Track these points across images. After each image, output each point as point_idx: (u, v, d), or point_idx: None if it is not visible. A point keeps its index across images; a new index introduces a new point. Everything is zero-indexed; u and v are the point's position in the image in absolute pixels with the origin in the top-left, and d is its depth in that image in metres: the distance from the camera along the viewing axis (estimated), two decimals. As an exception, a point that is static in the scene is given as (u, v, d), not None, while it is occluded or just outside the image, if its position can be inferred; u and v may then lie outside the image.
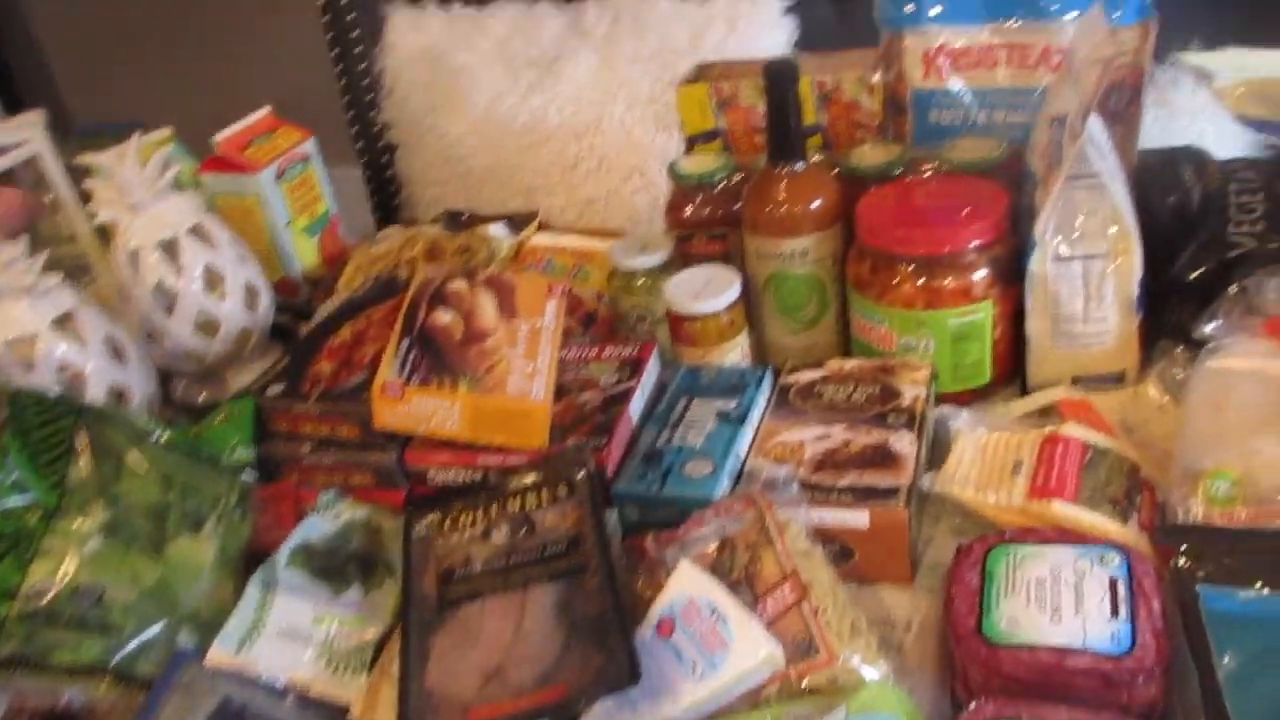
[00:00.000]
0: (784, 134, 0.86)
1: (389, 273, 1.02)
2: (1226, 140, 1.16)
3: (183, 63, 2.30)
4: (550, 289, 0.85)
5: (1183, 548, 0.62)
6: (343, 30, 1.48)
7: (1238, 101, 0.88)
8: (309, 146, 1.18)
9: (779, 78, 0.84)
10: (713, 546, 0.65)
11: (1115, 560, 0.62)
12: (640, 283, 0.93)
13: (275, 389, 0.82)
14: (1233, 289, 0.79)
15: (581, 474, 0.70)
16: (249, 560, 0.71)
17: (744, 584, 0.62)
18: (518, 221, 1.13)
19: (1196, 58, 0.95)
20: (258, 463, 0.81)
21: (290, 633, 0.64)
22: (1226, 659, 0.56)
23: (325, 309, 0.94)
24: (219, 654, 0.63)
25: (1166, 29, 0.89)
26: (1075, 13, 0.92)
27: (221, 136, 1.13)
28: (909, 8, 0.96)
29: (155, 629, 0.65)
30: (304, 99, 1.37)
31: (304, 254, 1.16)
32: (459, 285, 0.83)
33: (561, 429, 0.76)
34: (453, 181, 1.38)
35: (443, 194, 1.38)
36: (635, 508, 0.71)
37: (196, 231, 0.99)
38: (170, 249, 0.98)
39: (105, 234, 1.04)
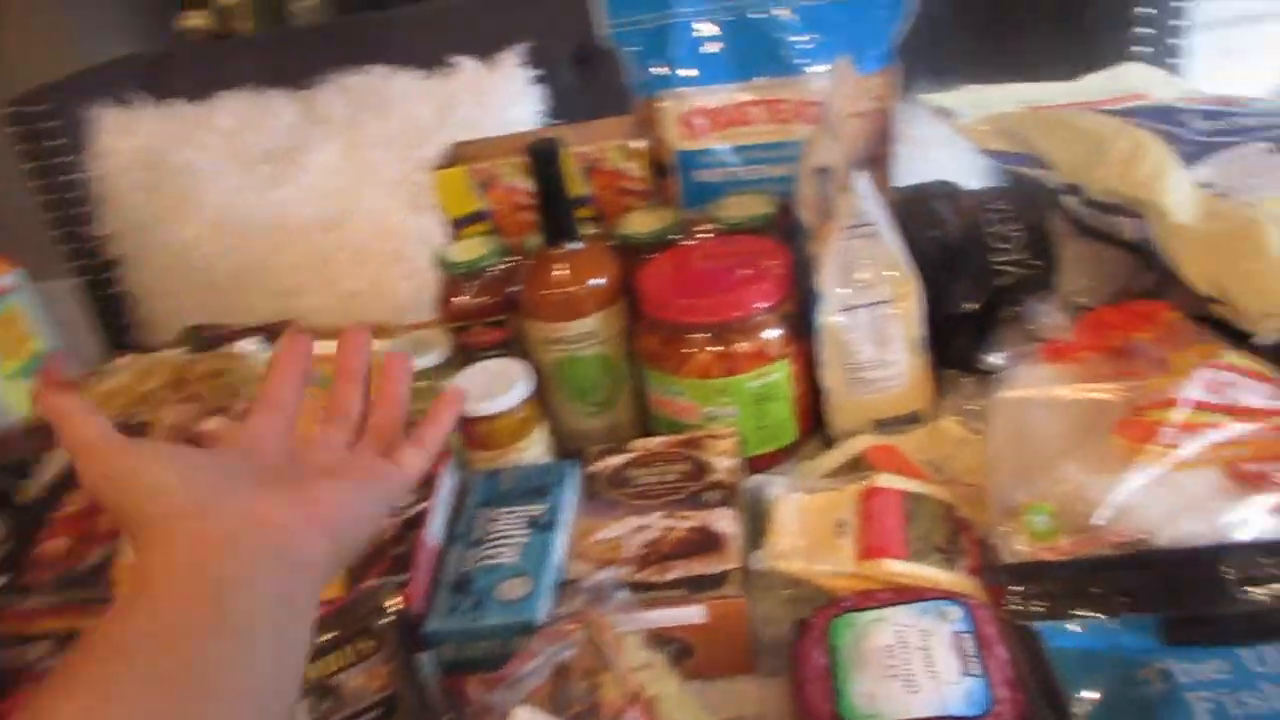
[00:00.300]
0: (556, 214, 0.82)
1: (125, 415, 0.89)
2: (964, 169, 1.22)
3: None
4: (311, 412, 0.76)
5: (1014, 588, 0.61)
6: (38, 140, 1.33)
7: (982, 137, 0.91)
8: (11, 279, 1.03)
9: (543, 157, 0.80)
10: (546, 679, 0.58)
11: (956, 614, 0.60)
12: (420, 385, 0.85)
13: (-4, 579, 0.68)
14: (1007, 315, 0.81)
15: (386, 621, 0.62)
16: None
17: (587, 715, 0.56)
18: (272, 331, 1.03)
19: (937, 98, 0.98)
20: (-16, 672, 0.67)
21: None
22: (1082, 699, 0.55)
23: (50, 470, 0.80)
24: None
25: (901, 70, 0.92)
26: (822, 65, 0.93)
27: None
28: (659, 71, 0.95)
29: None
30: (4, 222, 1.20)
31: (15, 402, 1.01)
32: (213, 424, 0.73)
33: (354, 571, 0.67)
34: (192, 292, 1.25)
35: (181, 307, 1.25)
36: (451, 646, 0.64)
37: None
38: None
39: None
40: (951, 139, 1.05)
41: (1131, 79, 1.01)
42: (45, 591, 0.66)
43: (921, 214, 0.94)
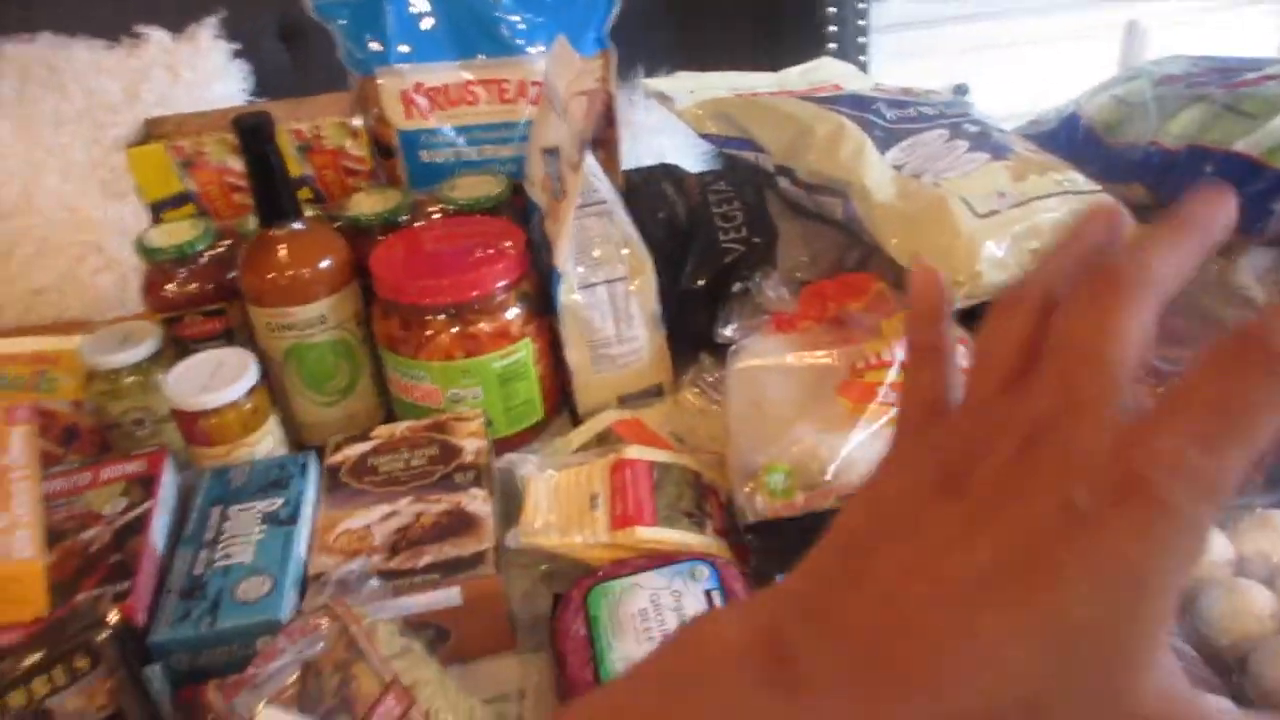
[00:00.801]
0: (272, 193, 0.77)
1: None
2: (684, 152, 1.27)
3: None
4: (9, 415, 0.67)
5: (757, 546, 0.65)
6: None
7: (699, 121, 0.95)
8: None
9: (254, 131, 0.75)
10: (293, 678, 0.55)
11: (705, 573, 0.62)
12: (129, 381, 0.78)
13: None
14: (735, 289, 0.86)
15: (104, 635, 0.55)
16: None
17: (341, 710, 0.53)
18: (-59, 332, 0.90)
19: (655, 83, 1.02)
20: None
21: None
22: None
23: None
24: None
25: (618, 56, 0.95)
26: (540, 46, 0.94)
27: None
28: (374, 47, 0.93)
29: None
30: None
31: None
32: (-128, 430, 0.63)
33: (64, 584, 0.60)
34: None
35: None
36: (185, 655, 0.59)
37: None
38: None
39: None
40: (671, 124, 1.09)
41: (826, 72, 1.10)
42: None
43: (649, 196, 0.97)
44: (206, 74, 1.21)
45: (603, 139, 0.95)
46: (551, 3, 0.96)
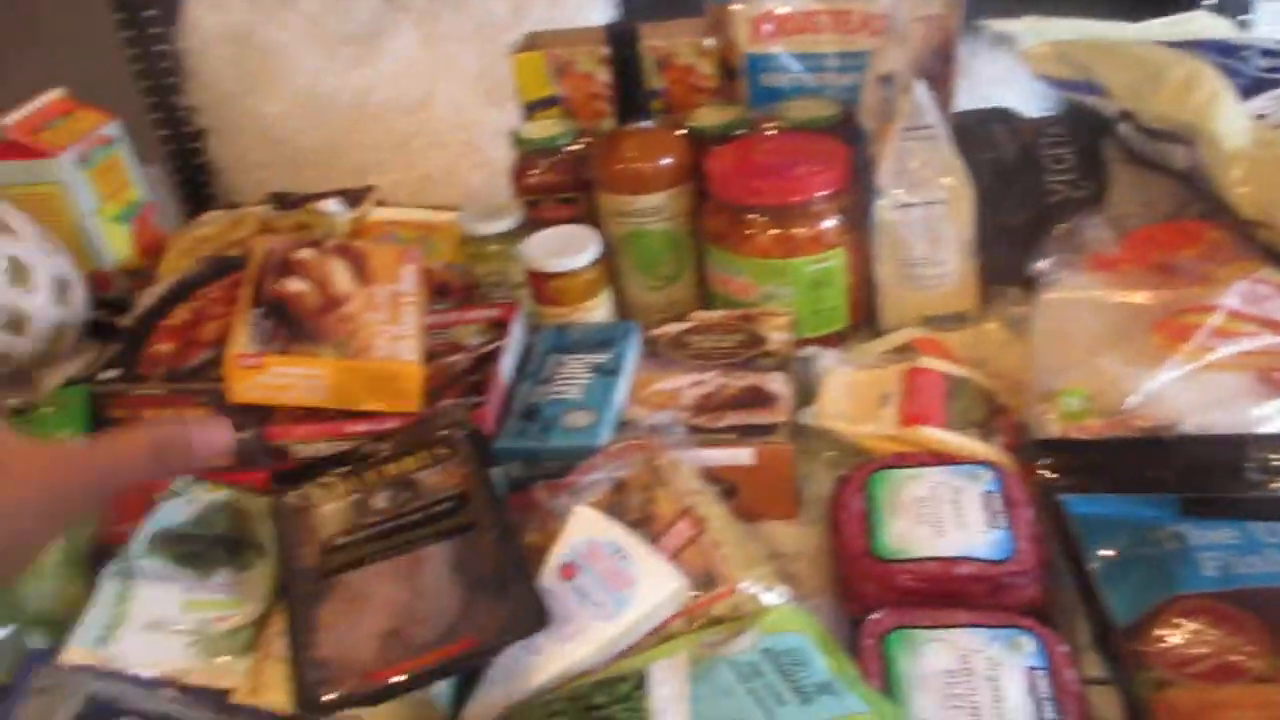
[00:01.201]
0: (631, 93, 0.86)
1: (219, 254, 0.95)
2: (1021, 106, 1.25)
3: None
4: (404, 254, 0.82)
5: (1045, 461, 0.66)
6: (135, 10, 1.38)
7: (1040, 62, 0.94)
8: (112, 129, 1.09)
9: (623, 36, 0.85)
10: (606, 491, 0.64)
11: (987, 476, 0.65)
12: (493, 248, 0.91)
13: (109, 374, 0.75)
14: (1056, 231, 0.85)
15: (461, 432, 0.67)
16: (100, 557, 0.65)
17: (641, 525, 0.61)
18: (352, 197, 1.08)
19: (999, 24, 1.02)
20: (93, 454, 0.73)
21: (157, 623, 0.59)
22: (1097, 555, 0.60)
23: (153, 293, 0.86)
24: (77, 652, 0.57)
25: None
26: (890, -22, 0.97)
27: (10, 120, 1.03)
28: (732, -26, 0.99)
29: (1, 634, 0.58)
30: (94, 90, 1.25)
31: (117, 244, 1.07)
32: (306, 254, 0.78)
33: (433, 392, 0.73)
34: (274, 165, 1.31)
35: (263, 178, 1.31)
36: (518, 464, 0.69)
37: (-7, 221, 0.90)
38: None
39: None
40: (1011, 76, 1.09)
41: (1195, 25, 1.04)
42: (155, 383, 0.72)
43: (978, 136, 0.98)
44: (579, 2, 1.34)
45: (938, 75, 0.97)
46: (908, -63, 0.98)
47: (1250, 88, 0.81)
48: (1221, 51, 0.86)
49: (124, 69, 1.40)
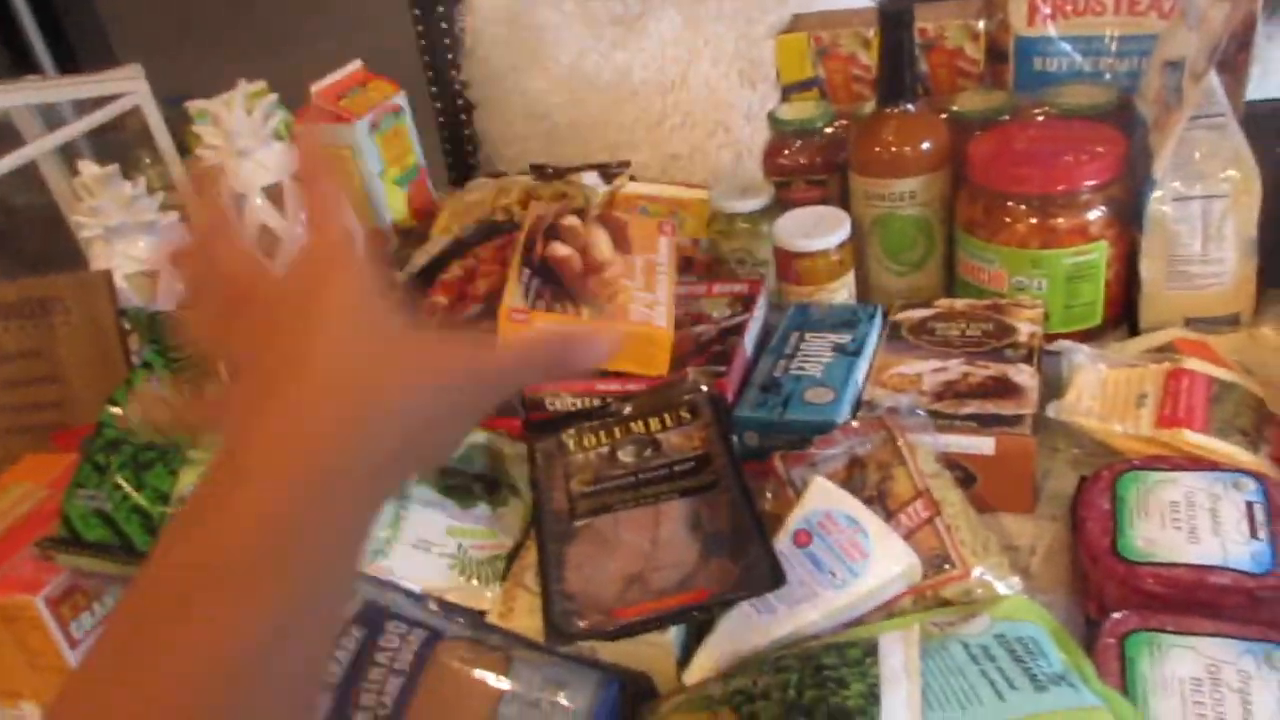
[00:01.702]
0: (897, 75, 0.86)
1: (485, 217, 1.03)
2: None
3: (252, 35, 2.33)
4: (661, 226, 0.86)
5: (1320, 475, 0.62)
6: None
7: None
8: (400, 99, 1.20)
9: (897, 18, 0.85)
10: (842, 466, 0.65)
11: (1250, 486, 0.61)
12: (741, 225, 0.93)
13: (391, 319, 0.83)
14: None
15: (704, 398, 0.70)
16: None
17: (876, 501, 0.62)
18: (608, 171, 1.13)
19: (1304, 8, 0.94)
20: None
21: (424, 544, 0.65)
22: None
23: (428, 250, 0.95)
24: (356, 561, 0.64)
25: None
26: (1188, -41, 0.91)
27: (317, 87, 1.15)
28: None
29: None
30: (375, 61, 1.37)
31: (394, 205, 1.18)
32: (572, 221, 0.83)
33: (679, 359, 0.76)
34: (534, 139, 1.39)
35: (524, 151, 1.39)
36: (755, 434, 0.72)
37: (299, 178, 1.01)
38: (274, 194, 0.99)
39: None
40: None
41: None
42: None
43: (1270, 128, 0.91)
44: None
45: (1231, 63, 0.91)
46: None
47: None
48: None
49: (410, 43, 1.52)
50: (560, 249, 0.79)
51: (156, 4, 2.33)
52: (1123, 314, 0.85)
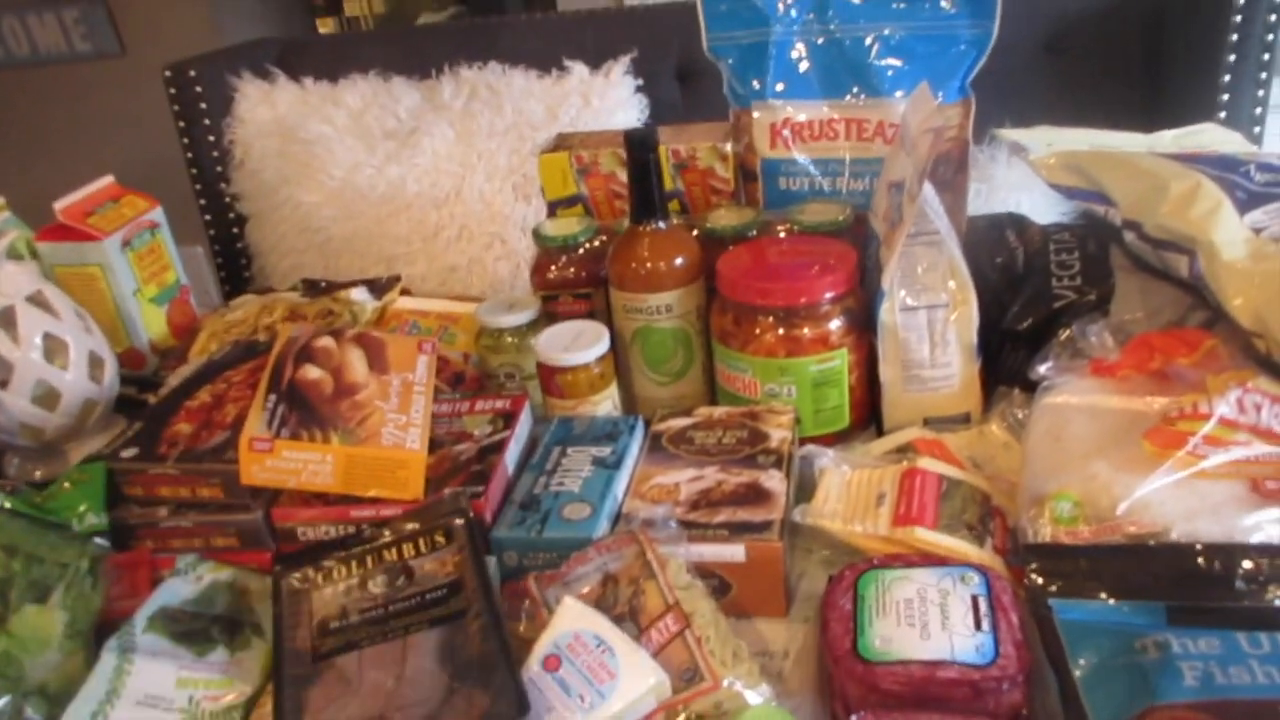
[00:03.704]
0: (647, 194, 0.90)
1: (248, 338, 0.99)
2: (1041, 211, 1.27)
3: (12, 140, 2.20)
4: (420, 345, 0.85)
5: (1034, 565, 0.66)
6: (189, 104, 1.46)
7: (1051, 172, 0.97)
8: (157, 214, 1.15)
9: (641, 142, 0.88)
10: (595, 583, 0.65)
11: (975, 580, 0.65)
12: (509, 340, 0.93)
13: (129, 452, 0.78)
14: (1061, 335, 0.87)
15: (459, 521, 0.69)
16: (103, 631, 0.67)
17: (628, 618, 0.62)
18: (379, 286, 1.12)
19: (1012, 133, 1.04)
20: (110, 530, 0.76)
21: (151, 700, 0.61)
22: (1081, 663, 0.59)
23: (181, 373, 0.90)
24: (71, 725, 0.59)
25: (983, 110, 0.98)
26: (903, 90, 1.00)
27: (62, 204, 1.09)
28: (755, 84, 1.03)
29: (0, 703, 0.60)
30: (144, 175, 1.32)
31: (152, 324, 1.12)
32: (326, 342, 0.82)
33: (437, 480, 0.75)
34: (309, 251, 1.37)
35: (299, 264, 1.37)
36: (514, 554, 0.71)
37: (35, 300, 0.95)
38: (6, 318, 0.93)
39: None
40: (1030, 182, 1.11)
41: (1207, 137, 1.06)
42: (171, 462, 0.75)
43: (990, 241, 1.00)
44: (613, 103, 1.39)
45: (952, 183, 1.00)
46: (922, 52, 1.01)
47: (1249, 201, 0.83)
48: (1222, 166, 0.87)
49: (176, 155, 1.47)
50: (311, 371, 0.77)
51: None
52: (869, 416, 0.90)
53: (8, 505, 0.71)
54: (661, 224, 0.90)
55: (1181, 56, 1.44)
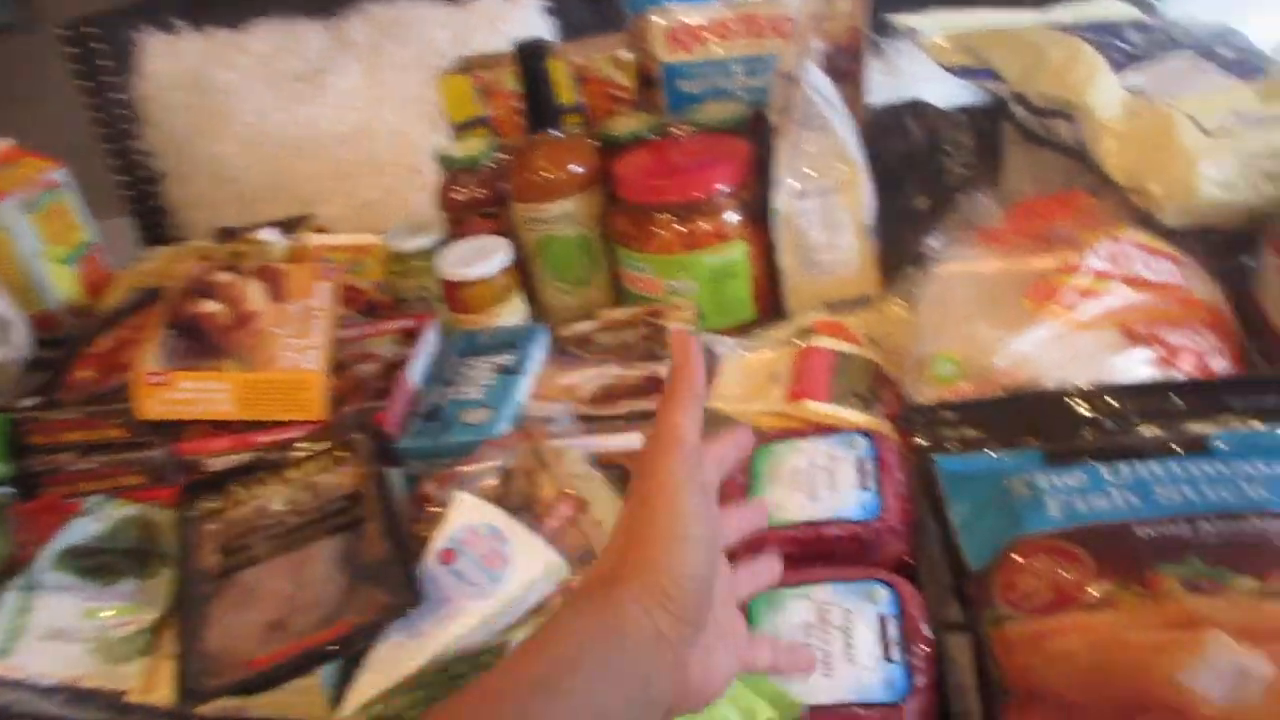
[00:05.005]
0: (540, 104, 0.90)
1: (157, 285, 0.99)
2: (950, 99, 1.27)
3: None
4: (319, 271, 0.85)
5: (917, 423, 0.68)
6: (90, 62, 1.43)
7: (943, 54, 0.97)
8: (59, 175, 1.14)
9: (531, 53, 0.88)
10: (493, 480, 0.66)
11: (862, 444, 0.67)
12: (416, 264, 0.94)
13: (28, 401, 0.78)
14: (951, 211, 0.88)
15: (360, 436, 0.70)
16: (8, 574, 0.68)
17: (523, 509, 0.64)
18: (290, 225, 1.12)
19: (905, 18, 1.04)
20: (17, 480, 0.76)
21: (57, 633, 0.62)
22: (958, 509, 0.62)
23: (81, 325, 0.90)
24: (-24, 661, 0.60)
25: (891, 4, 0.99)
26: (797, -15, 1.00)
27: (-44, 171, 1.07)
28: (652, -10, 1.02)
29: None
30: (52, 140, 1.30)
31: (63, 285, 1.11)
32: (224, 276, 0.82)
33: (340, 400, 0.76)
34: (228, 203, 1.36)
35: (217, 216, 1.35)
36: (419, 462, 0.72)
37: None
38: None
39: None
40: (939, 72, 1.11)
41: (1103, 10, 1.06)
42: (73, 408, 0.76)
43: (890, 128, 1.01)
44: (521, 27, 1.38)
45: (848, 71, 1.00)
46: (816, -58, 1.01)
47: (1124, 62, 0.84)
48: (1100, 31, 0.88)
49: (83, 119, 1.45)
50: (207, 305, 0.77)
51: None
52: (774, 305, 0.91)
53: (-87, 461, 0.72)
54: (557, 133, 0.90)
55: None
